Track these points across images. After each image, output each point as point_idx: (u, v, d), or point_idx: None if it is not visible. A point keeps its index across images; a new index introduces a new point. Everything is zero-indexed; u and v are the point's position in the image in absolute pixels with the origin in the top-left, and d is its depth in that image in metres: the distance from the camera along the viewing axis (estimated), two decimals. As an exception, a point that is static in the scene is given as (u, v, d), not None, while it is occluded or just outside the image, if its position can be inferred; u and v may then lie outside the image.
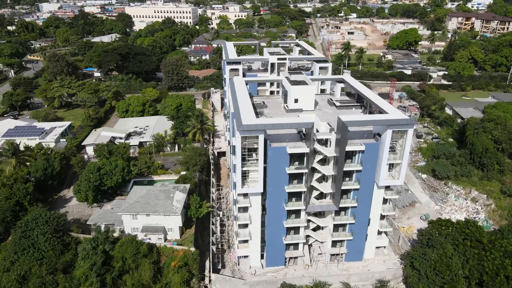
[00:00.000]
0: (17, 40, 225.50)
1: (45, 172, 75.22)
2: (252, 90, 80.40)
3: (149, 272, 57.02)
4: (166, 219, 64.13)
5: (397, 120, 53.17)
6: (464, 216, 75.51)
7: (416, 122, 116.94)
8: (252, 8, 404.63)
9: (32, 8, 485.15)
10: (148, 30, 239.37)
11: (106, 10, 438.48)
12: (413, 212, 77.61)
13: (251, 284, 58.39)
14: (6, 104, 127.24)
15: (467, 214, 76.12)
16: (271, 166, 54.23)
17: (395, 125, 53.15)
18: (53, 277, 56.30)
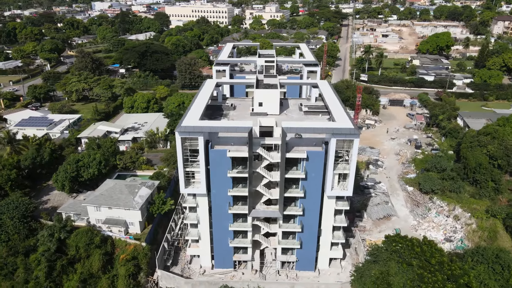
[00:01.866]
0: (60, 37, 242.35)
1: (34, 161, 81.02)
2: (241, 92, 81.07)
3: (98, 263, 59.87)
4: (127, 213, 66.72)
5: (339, 129, 51.62)
6: (440, 234, 71.32)
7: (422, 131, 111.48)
8: (290, 8, 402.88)
9: (86, 7, 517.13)
10: (178, 29, 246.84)
11: (151, 9, 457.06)
12: (387, 225, 74.40)
13: (193, 283, 59.40)
14: (30, 96, 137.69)
15: (444, 232, 71.74)
16: (213, 168, 54.80)
17: (338, 134, 51.65)
18: (14, 259, 60.90)
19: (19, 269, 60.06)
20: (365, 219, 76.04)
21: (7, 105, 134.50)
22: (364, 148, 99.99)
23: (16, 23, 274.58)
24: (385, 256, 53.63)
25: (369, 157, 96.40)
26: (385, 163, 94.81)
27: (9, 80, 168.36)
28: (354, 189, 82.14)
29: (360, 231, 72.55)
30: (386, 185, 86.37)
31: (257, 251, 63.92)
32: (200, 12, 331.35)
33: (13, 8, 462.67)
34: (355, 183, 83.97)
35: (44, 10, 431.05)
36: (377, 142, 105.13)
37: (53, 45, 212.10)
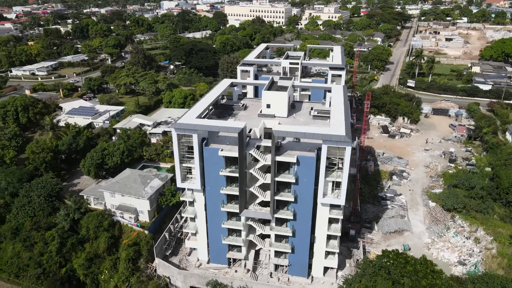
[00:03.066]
0: (124, 33, 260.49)
1: (70, 147, 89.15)
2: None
3: (104, 244, 64.64)
4: (137, 202, 71.05)
5: (330, 135, 50.46)
6: (455, 256, 66.31)
7: (462, 144, 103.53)
8: (351, 9, 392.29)
9: (156, 5, 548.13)
10: (231, 28, 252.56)
11: (214, 8, 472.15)
12: (397, 240, 70.73)
13: (185, 275, 61.71)
14: (85, 87, 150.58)
15: (459, 254, 66.53)
16: (207, 166, 56.49)
17: (328, 140, 50.59)
18: (36, 233, 67.93)
19: (39, 242, 66.83)
20: (375, 231, 73.03)
21: (65, 94, 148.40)
22: (391, 158, 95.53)
23: (89, 20, 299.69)
24: (371, 271, 51.45)
25: (394, 167, 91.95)
26: (411, 175, 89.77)
27: (74, 72, 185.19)
28: (370, 199, 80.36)
29: (367, 243, 69.92)
30: (407, 198, 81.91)
31: (252, 251, 64.60)
32: (257, 11, 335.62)
33: (92, 6, 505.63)
34: (372, 193, 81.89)
35: (119, 9, 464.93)
36: (408, 152, 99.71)
37: (116, 41, 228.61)
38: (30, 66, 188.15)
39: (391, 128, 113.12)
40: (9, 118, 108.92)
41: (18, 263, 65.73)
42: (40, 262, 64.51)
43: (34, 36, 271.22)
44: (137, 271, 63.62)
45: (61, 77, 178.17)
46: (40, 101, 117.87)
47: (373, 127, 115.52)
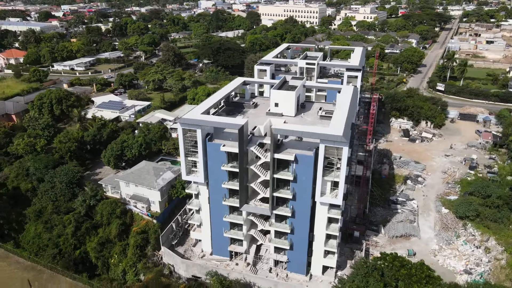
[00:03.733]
0: (159, 32, 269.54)
1: (94, 138, 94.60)
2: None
3: (115, 230, 68.55)
4: (149, 192, 74.59)
5: (326, 135, 51.07)
6: (461, 264, 64.62)
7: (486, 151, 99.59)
8: (389, 9, 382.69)
9: (194, 5, 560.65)
10: (262, 28, 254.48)
11: (250, 7, 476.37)
12: (403, 245, 69.75)
13: (187, 264, 64.26)
14: (117, 83, 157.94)
15: (466, 263, 64.72)
16: (210, 160, 58.62)
17: (325, 140, 51.22)
18: (56, 216, 73.10)
19: (58, 225, 71.90)
20: (381, 235, 72.36)
21: (99, 89, 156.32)
22: (407, 162, 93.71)
23: (128, 19, 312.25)
24: (364, 271, 51.54)
25: (410, 172, 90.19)
26: (427, 181, 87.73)
27: (109, 68, 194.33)
28: (381, 202, 79.55)
29: (372, 246, 69.54)
30: (419, 203, 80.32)
31: (254, 246, 66.13)
32: (291, 11, 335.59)
33: (133, 5, 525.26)
34: (383, 196, 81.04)
35: (158, 8, 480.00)
36: (427, 157, 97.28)
37: (151, 39, 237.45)
38: (70, 62, 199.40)
39: (412, 132, 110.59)
40: (44, 110, 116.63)
41: (38, 243, 71.11)
42: (57, 243, 69.48)
43: (77, 34, 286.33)
44: (144, 258, 67.00)
45: (97, 73, 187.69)
46: (73, 94, 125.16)
47: (394, 131, 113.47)
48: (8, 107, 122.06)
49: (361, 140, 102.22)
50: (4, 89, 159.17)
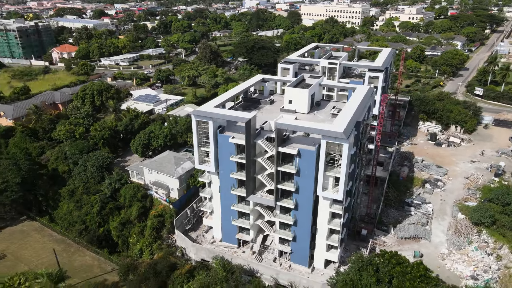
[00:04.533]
0: (201, 30, 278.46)
1: (126, 128, 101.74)
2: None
3: (135, 212, 74.25)
4: (169, 180, 79.73)
5: (327, 131, 52.92)
6: (469, 270, 63.62)
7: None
8: (437, 10, 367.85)
9: (238, 4, 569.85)
10: (301, 28, 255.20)
11: (294, 7, 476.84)
12: (411, 246, 69.57)
13: (197, 248, 68.39)
14: (155, 78, 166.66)
15: (474, 269, 63.60)
16: (220, 151, 62.21)
17: (326, 136, 53.05)
18: (85, 196, 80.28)
19: (86, 204, 78.95)
20: (390, 235, 72.55)
21: (138, 83, 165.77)
22: (429, 165, 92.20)
23: (173, 17, 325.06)
24: (358, 265, 52.84)
25: (430, 175, 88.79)
26: (447, 185, 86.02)
27: (150, 64, 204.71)
28: (395, 204, 79.48)
29: (379, 245, 70.01)
30: (436, 207, 79.26)
31: (260, 235, 68.98)
32: (333, 11, 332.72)
33: (180, 4, 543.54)
34: (398, 198, 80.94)
35: (204, 7, 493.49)
36: (451, 162, 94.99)
37: (192, 37, 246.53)
38: (115, 57, 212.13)
39: (439, 136, 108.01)
40: (86, 100, 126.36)
41: (69, 219, 78.53)
42: (84, 220, 76.43)
43: (125, 31, 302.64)
44: (159, 239, 72.08)
45: (139, 68, 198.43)
46: (113, 87, 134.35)
47: (420, 134, 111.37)
48: (56, 97, 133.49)
49: (385, 142, 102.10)
50: (55, 81, 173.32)
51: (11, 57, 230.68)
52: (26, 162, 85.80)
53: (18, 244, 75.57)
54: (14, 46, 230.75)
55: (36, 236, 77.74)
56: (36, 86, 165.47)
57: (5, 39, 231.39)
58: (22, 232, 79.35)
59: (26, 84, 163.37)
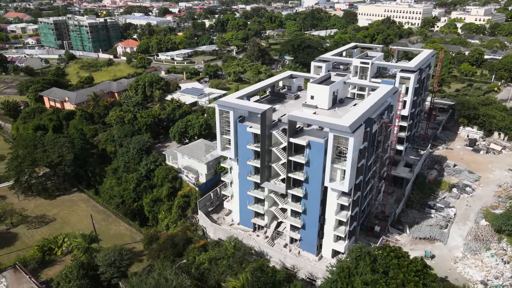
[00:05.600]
0: (254, 28, 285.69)
1: (168, 117, 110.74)
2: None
3: (165, 192, 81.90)
4: (198, 165, 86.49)
5: (334, 124, 55.68)
6: (481, 275, 62.63)
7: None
8: (510, 12, 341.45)
9: (297, 3, 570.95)
10: (353, 28, 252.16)
11: (353, 7, 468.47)
12: (424, 247, 69.42)
13: (215, 228, 74.13)
14: (204, 72, 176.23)
15: (485, 275, 62.45)
16: (240, 139, 67.21)
17: (333, 129, 55.85)
18: (125, 174, 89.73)
19: (125, 182, 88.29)
20: (405, 234, 72.87)
21: (188, 77, 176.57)
22: (460, 171, 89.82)
23: (230, 16, 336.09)
24: (356, 254, 55.02)
25: (459, 180, 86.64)
26: (476, 191, 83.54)
27: (202, 59, 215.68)
28: (417, 205, 79.29)
29: (391, 242, 70.74)
30: (459, 212, 77.73)
31: (275, 222, 73.00)
32: (392, 12, 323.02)
33: (240, 3, 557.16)
34: (421, 200, 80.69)
35: (264, 6, 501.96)
36: (486, 169, 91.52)
37: (244, 35, 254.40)
38: (171, 52, 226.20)
39: (479, 143, 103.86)
40: (139, 90, 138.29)
41: (110, 194, 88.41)
42: (122, 195, 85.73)
43: (184, 28, 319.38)
44: (184, 217, 79.01)
45: (191, 63, 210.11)
46: (163, 79, 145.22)
47: (460, 139, 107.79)
48: (113, 87, 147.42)
49: (417, 144, 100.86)
50: (116, 72, 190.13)
51: (83, 50, 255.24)
52: (80, 141, 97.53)
53: (67, 210, 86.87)
54: (86, 40, 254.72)
55: (82, 206, 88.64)
56: (99, 77, 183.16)
57: (78, 33, 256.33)
58: (72, 201, 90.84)
59: (91, 75, 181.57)
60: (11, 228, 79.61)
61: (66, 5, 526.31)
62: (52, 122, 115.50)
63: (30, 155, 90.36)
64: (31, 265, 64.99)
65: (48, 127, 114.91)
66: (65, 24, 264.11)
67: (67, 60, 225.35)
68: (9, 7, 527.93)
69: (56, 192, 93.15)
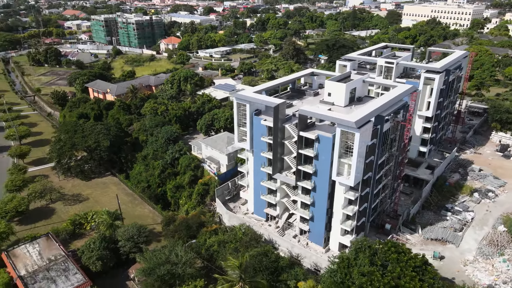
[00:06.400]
0: (294, 27, 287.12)
1: (198, 110, 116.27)
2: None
3: (187, 179, 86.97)
4: (220, 156, 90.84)
5: (340, 120, 57.45)
6: (489, 280, 61.68)
7: None
8: None
9: (342, 3, 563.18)
10: (394, 29, 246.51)
11: (399, 7, 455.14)
12: (435, 248, 69.03)
13: (230, 215, 77.94)
14: (238, 70, 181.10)
15: (494, 279, 61.38)
16: (255, 131, 70.52)
17: (340, 124, 57.66)
18: (152, 161, 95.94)
19: (151, 168, 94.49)
20: (417, 234, 72.73)
21: (223, 73, 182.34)
22: (485, 176, 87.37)
23: (271, 15, 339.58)
24: (357, 246, 56.49)
25: (482, 185, 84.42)
26: (499, 197, 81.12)
27: (239, 57, 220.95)
28: (434, 207, 78.73)
29: (401, 241, 70.95)
30: (478, 216, 76.17)
31: (286, 213, 75.59)
32: (439, 12, 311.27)
33: (284, 2, 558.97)
34: (439, 202, 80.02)
35: (307, 5, 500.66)
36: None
37: (283, 34, 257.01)
38: (210, 50, 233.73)
39: (511, 149, 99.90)
40: (174, 85, 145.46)
41: (138, 178, 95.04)
42: (148, 180, 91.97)
43: (226, 27, 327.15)
44: (202, 204, 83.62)
45: (228, 60, 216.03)
46: (198, 75, 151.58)
47: (490, 144, 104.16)
48: (151, 80, 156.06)
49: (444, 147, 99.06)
50: (156, 67, 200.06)
51: (129, 46, 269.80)
52: (115, 129, 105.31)
53: (99, 191, 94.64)
54: (132, 36, 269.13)
55: (113, 188, 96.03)
56: (140, 71, 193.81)
57: (126, 30, 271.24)
58: (104, 183, 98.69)
59: (133, 69, 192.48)
60: (50, 204, 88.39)
61: (118, 3, 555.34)
62: (93, 111, 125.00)
63: (70, 140, 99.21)
64: (62, 236, 72.39)
65: (90, 116, 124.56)
66: (114, 21, 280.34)
67: (114, 55, 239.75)
68: (68, 5, 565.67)
69: (91, 174, 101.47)
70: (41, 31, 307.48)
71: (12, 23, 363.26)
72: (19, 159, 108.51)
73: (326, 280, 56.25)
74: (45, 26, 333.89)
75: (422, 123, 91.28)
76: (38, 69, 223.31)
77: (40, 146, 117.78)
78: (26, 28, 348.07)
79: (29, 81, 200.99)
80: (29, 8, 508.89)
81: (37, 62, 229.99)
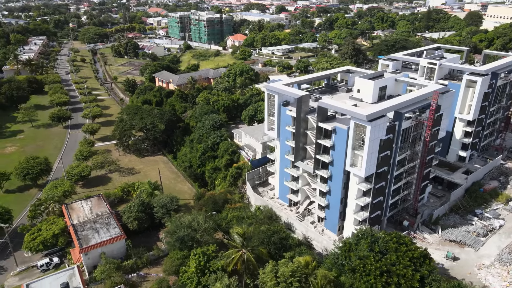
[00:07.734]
0: (361, 28, 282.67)
1: (246, 102, 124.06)
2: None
3: (224, 162, 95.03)
4: (256, 144, 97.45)
5: (354, 113, 60.60)
6: (501, 285, 60.49)
7: None
8: None
9: (422, 3, 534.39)
10: (469, 31, 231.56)
11: (485, 9, 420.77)
12: (452, 249, 68.45)
13: (256, 198, 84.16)
14: (295, 67, 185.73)
15: (506, 285, 59.96)
16: (282, 121, 75.86)
17: (353, 117, 60.90)
18: (198, 144, 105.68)
19: (195, 151, 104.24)
20: (436, 235, 72.54)
21: (280, 70, 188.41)
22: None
23: (340, 14, 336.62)
24: (360, 233, 59.40)
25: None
26: (538, 208, 76.91)
27: (300, 55, 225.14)
28: (463, 212, 77.64)
29: (418, 239, 71.58)
30: (507, 225, 73.49)
31: (307, 200, 79.80)
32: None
33: (358, 2, 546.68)
34: (469, 207, 78.71)
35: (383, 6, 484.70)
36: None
37: (348, 34, 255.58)
38: (273, 47, 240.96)
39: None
40: (230, 78, 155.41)
41: (183, 159, 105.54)
42: (190, 161, 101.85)
43: (293, 25, 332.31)
44: (234, 186, 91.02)
45: (289, 58, 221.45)
46: (253, 70, 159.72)
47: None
48: (210, 73, 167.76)
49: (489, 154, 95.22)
50: (219, 62, 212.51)
51: (199, 42, 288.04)
52: (168, 114, 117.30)
53: (150, 167, 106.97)
54: (202, 33, 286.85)
55: (161, 165, 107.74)
56: (205, 65, 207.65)
57: (197, 27, 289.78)
58: (155, 161, 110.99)
59: (198, 63, 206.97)
60: (108, 173, 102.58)
61: (198, 1, 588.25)
62: (155, 98, 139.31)
63: (130, 121, 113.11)
64: (111, 199, 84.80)
65: (152, 102, 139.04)
66: (188, 18, 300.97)
67: (184, 49, 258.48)
68: (152, 4, 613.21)
69: (145, 153, 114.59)
70: (126, 27, 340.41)
71: (104, 19, 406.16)
72: (90, 134, 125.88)
73: (326, 261, 60.21)
74: (130, 22, 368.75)
75: (463, 127, 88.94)
76: (118, 60, 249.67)
77: (108, 126, 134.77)
78: (114, 24, 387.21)
79: (109, 70, 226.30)
80: (120, 5, 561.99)
81: (119, 53, 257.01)
